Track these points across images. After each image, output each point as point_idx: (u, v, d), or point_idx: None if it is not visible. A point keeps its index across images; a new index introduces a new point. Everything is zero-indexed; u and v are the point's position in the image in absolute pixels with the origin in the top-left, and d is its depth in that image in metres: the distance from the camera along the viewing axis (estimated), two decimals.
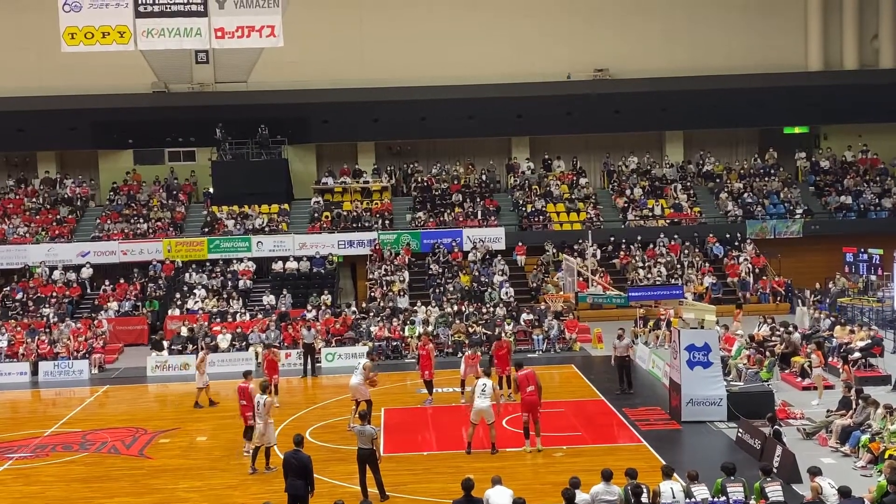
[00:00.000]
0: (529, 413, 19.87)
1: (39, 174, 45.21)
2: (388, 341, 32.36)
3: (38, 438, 22.72)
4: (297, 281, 38.53)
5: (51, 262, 39.10)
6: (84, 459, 20.74)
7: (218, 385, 28.93)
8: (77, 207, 43.10)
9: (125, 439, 22.31)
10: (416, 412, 23.75)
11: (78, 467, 20.07)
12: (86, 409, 26.06)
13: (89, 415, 25.28)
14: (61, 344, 32.20)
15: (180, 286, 37.73)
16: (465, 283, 37.66)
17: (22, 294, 37.08)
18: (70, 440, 22.39)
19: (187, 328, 33.31)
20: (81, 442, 22.13)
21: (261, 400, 18.88)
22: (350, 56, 43.95)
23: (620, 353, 25.13)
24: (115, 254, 39.53)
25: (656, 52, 44.68)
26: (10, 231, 40.64)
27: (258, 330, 32.68)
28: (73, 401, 27.42)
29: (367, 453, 16.65)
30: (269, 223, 41.52)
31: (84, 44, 35.80)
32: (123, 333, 35.16)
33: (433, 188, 44.36)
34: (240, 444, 20.54)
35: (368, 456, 16.66)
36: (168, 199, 43.51)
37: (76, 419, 24.84)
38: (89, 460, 20.73)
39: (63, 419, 24.77)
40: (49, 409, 27.28)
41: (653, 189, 44.27)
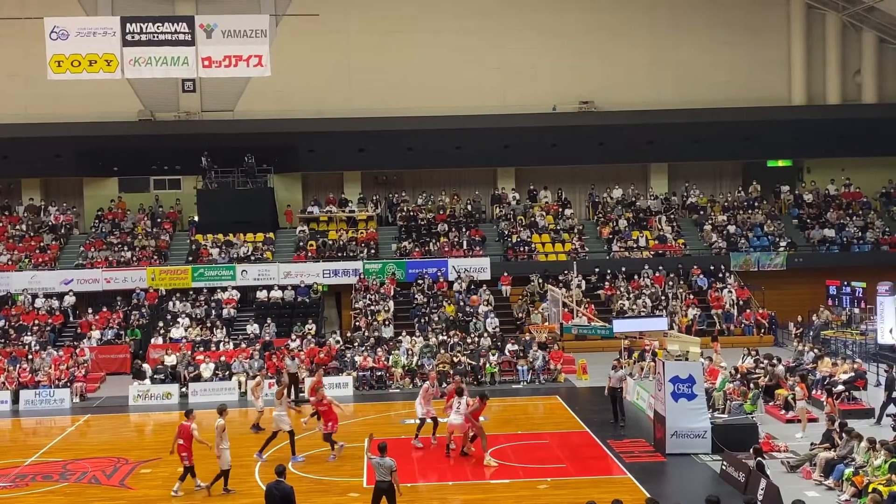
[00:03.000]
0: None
1: (24, 201, 45.03)
2: (373, 371, 32.24)
3: (17, 468, 22.46)
4: (282, 310, 38.41)
5: (33, 289, 38.85)
6: (64, 489, 20.52)
7: (201, 415, 28.73)
8: (61, 235, 42.91)
9: (106, 469, 22.09)
10: (401, 443, 23.60)
11: (58, 497, 19.86)
12: (67, 439, 25.81)
13: (70, 444, 25.04)
14: (43, 372, 31.93)
15: (164, 314, 37.55)
16: (450, 313, 37.63)
17: (4, 321, 36.80)
18: (50, 470, 22.15)
19: (172, 357, 33.10)
20: (62, 472, 21.90)
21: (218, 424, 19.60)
22: (337, 86, 44.14)
23: (614, 385, 25.11)
24: (99, 282, 39.32)
25: (642, 85, 45.07)
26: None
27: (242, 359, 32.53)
28: (53, 430, 27.16)
29: (386, 486, 16.31)
30: (254, 252, 41.45)
31: (70, 71, 35.88)
32: (106, 362, 34.89)
33: (419, 218, 44.42)
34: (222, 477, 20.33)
35: (387, 489, 16.32)
36: (153, 227, 43.39)
37: (57, 448, 24.59)
38: (70, 490, 20.51)
39: (44, 448, 24.52)
40: (29, 438, 26.99)
41: (637, 220, 44.45)
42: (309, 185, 46.53)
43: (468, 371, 32.12)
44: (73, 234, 43.64)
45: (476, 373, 31.87)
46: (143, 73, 36.49)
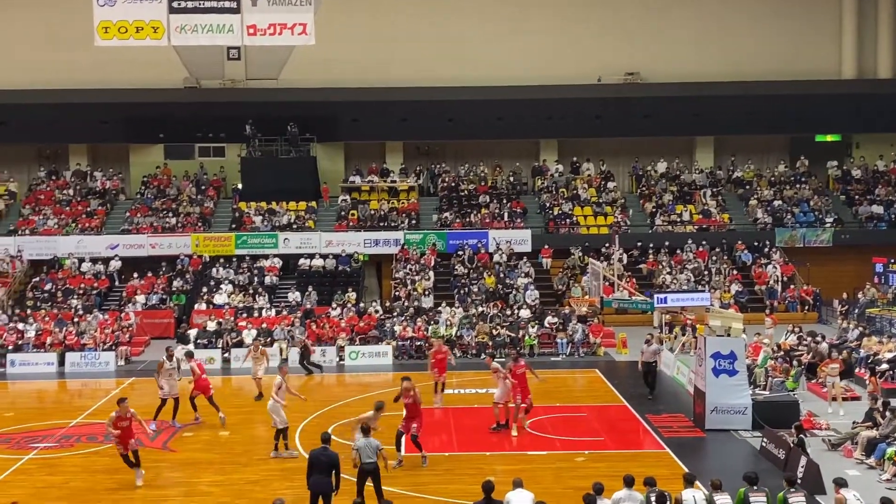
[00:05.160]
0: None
1: (71, 166, 45.62)
2: (412, 341, 32.39)
3: (63, 429, 22.92)
4: (323, 278, 38.64)
5: (80, 253, 39.43)
6: (108, 451, 20.83)
7: (242, 380, 29.16)
8: (107, 200, 43.44)
9: (149, 431, 22.40)
10: (439, 413, 23.72)
11: (102, 458, 20.23)
12: (111, 401, 26.18)
13: (115, 406, 25.41)
14: (88, 335, 32.50)
15: (207, 281, 37.95)
16: (490, 284, 37.63)
17: (51, 285, 37.43)
18: (95, 431, 22.57)
19: (214, 323, 33.51)
20: (106, 433, 22.25)
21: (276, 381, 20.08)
22: (380, 56, 44.00)
23: (647, 359, 24.98)
24: (144, 247, 39.80)
25: (688, 57, 44.42)
26: (40, 222, 41.03)
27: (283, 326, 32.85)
28: (98, 392, 27.65)
29: (371, 467, 16.08)
30: (297, 220, 41.67)
31: (117, 38, 36.09)
32: (150, 326, 35.38)
33: (460, 189, 44.35)
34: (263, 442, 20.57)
35: (373, 471, 16.11)
36: (197, 194, 43.77)
37: (102, 410, 24.99)
38: (113, 452, 20.79)
39: (88, 410, 24.97)
40: (75, 400, 27.48)
41: (682, 194, 44.02)
42: (351, 155, 46.61)
43: (507, 343, 32.15)
44: (119, 200, 44.15)
45: (515, 345, 31.88)
46: (189, 40, 36.59)
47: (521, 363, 22.28)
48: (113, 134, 44.43)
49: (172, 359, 23.31)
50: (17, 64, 42.74)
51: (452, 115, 43.85)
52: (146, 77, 42.62)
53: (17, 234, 40.29)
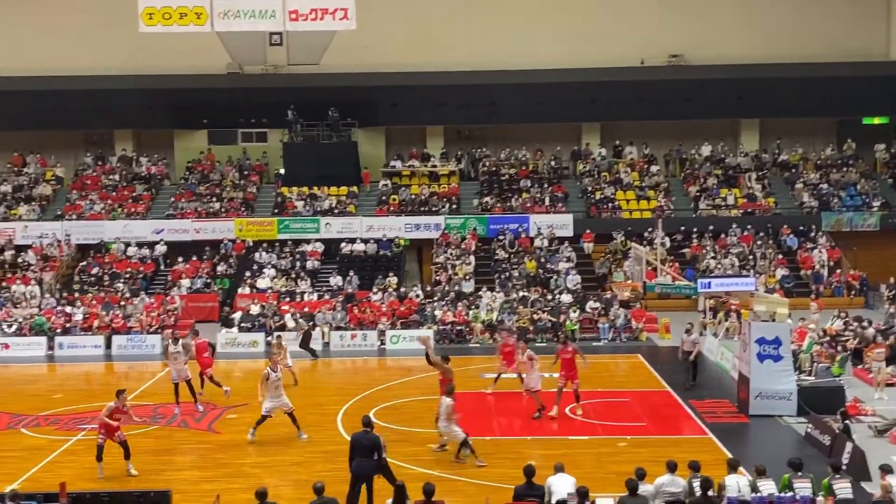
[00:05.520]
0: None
1: (117, 152, 46.18)
2: (453, 325, 32.44)
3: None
4: (364, 263, 38.80)
5: (126, 238, 39.95)
6: (155, 432, 21.20)
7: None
8: (152, 185, 43.94)
9: (194, 414, 22.73)
10: (480, 397, 23.76)
11: (148, 440, 20.51)
12: (157, 383, 26.59)
13: (160, 389, 25.78)
14: (135, 319, 32.97)
15: (250, 265, 38.28)
16: (531, 269, 37.55)
17: (98, 269, 37.98)
18: (141, 413, 22.80)
19: (257, 306, 33.82)
20: (152, 415, 22.60)
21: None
22: (421, 40, 43.93)
23: (688, 348, 24.78)
24: (188, 232, 40.23)
25: (733, 39, 43.80)
26: (87, 207, 41.61)
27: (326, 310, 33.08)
28: (145, 374, 28.02)
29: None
30: (338, 205, 41.85)
31: (162, 24, 36.39)
32: (195, 310, 35.78)
33: (501, 173, 44.25)
34: (306, 424, 20.74)
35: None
36: (240, 179, 44.11)
37: (148, 392, 25.40)
38: (160, 433, 21.20)
39: (135, 392, 25.32)
40: (121, 382, 27.68)
41: (726, 178, 43.55)
42: (392, 140, 46.67)
43: (548, 327, 32.09)
44: (163, 185, 44.64)
45: (556, 329, 31.80)
46: (232, 26, 36.81)
47: (570, 347, 22.28)
48: (157, 120, 44.91)
49: (178, 342, 23.28)
50: (64, 50, 43.24)
51: (493, 99, 43.72)
52: (190, 63, 42.92)
53: (65, 219, 40.90)
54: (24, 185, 43.42)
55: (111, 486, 16.18)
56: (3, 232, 40.08)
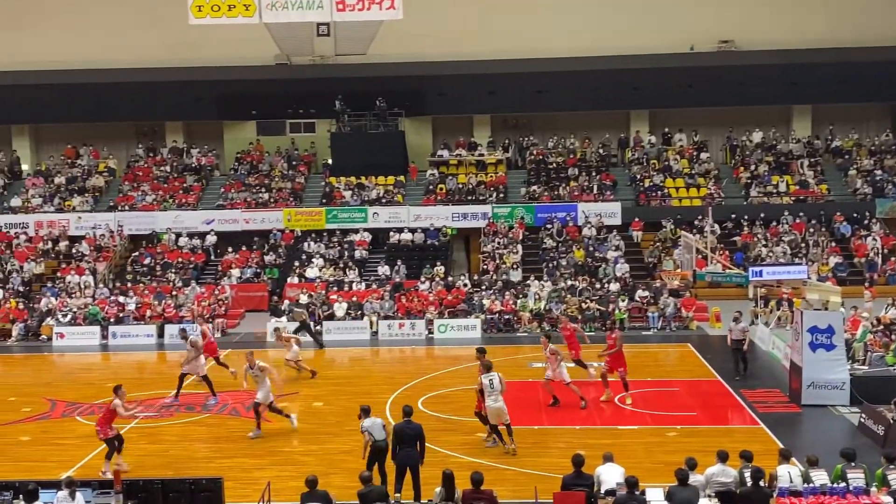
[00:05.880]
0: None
1: (167, 143, 46.76)
2: (501, 314, 32.41)
3: (162, 399, 23.61)
4: (412, 252, 38.90)
5: (177, 228, 40.48)
6: (206, 420, 21.48)
7: (334, 352, 29.64)
8: (202, 176, 44.42)
9: (245, 402, 22.94)
10: (528, 386, 23.71)
11: (200, 428, 20.79)
12: (208, 372, 26.86)
13: (212, 377, 26.05)
14: (186, 308, 33.41)
15: (299, 255, 38.56)
16: (579, 257, 37.36)
17: (150, 259, 38.53)
18: (193, 401, 23.20)
19: (306, 296, 34.07)
20: (204, 403, 22.89)
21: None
22: (468, 28, 43.80)
23: (736, 337, 24.48)
24: (238, 222, 40.62)
25: (785, 23, 43.04)
26: (139, 198, 42.20)
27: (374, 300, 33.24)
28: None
29: (384, 445, 15.91)
30: (385, 194, 41.97)
31: (210, 16, 36.65)
32: (245, 299, 36.15)
33: (549, 161, 44.05)
34: (355, 413, 20.83)
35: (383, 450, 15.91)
36: (288, 170, 44.42)
37: (199, 381, 25.67)
38: (211, 421, 21.46)
39: (187, 381, 25.61)
40: (174, 371, 28.02)
41: (778, 165, 42.92)
42: (439, 129, 46.67)
43: (597, 316, 31.93)
44: (213, 176, 45.12)
45: (605, 318, 31.63)
46: (280, 17, 36.97)
47: (613, 334, 22.21)
48: (207, 111, 45.38)
49: (187, 339, 23.93)
50: (116, 44, 43.76)
51: (541, 87, 43.47)
52: (238, 54, 43.26)
53: (117, 209, 41.52)
54: (78, 177, 44.14)
55: (164, 474, 16.41)
56: (58, 223, 40.82)
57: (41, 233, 40.43)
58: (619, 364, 21.93)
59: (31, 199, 42.55)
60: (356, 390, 23.79)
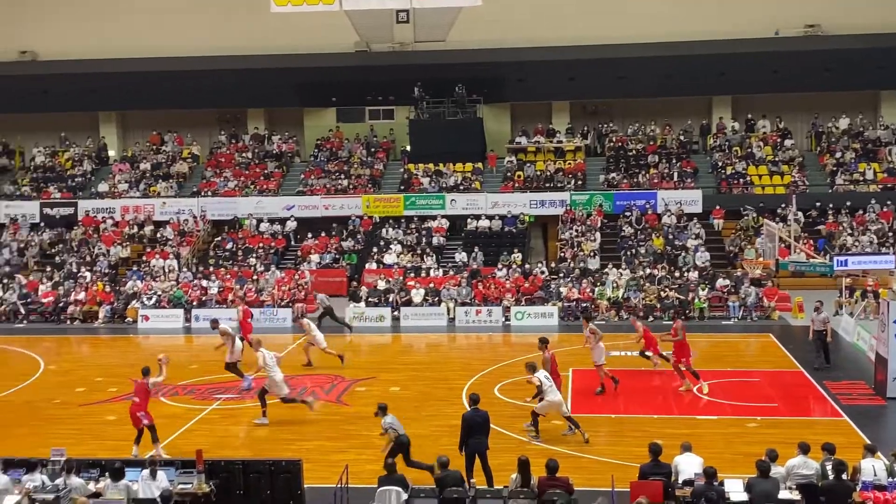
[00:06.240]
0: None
1: (249, 130, 47.49)
2: (578, 302, 32.24)
3: (242, 381, 24.00)
4: (489, 239, 38.89)
5: (258, 214, 41.12)
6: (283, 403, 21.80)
7: (411, 338, 29.86)
8: (283, 163, 45.04)
9: (324, 385, 23.32)
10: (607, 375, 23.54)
11: (279, 410, 21.07)
12: (288, 356, 27.29)
13: (291, 361, 26.50)
14: (266, 292, 33.98)
15: (377, 241, 38.88)
16: (658, 246, 36.92)
17: (231, 244, 39.25)
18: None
19: (384, 282, 34.37)
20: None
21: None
22: (547, 14, 43.43)
23: (818, 328, 23.93)
24: (318, 208, 41.09)
25: (872, 6, 41.66)
26: (221, 184, 42.98)
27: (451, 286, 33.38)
28: (277, 346, 28.71)
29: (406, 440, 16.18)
30: (463, 181, 42.02)
31: (291, 4, 37.21)
32: (324, 284, 36.52)
33: (628, 148, 43.57)
34: (433, 398, 20.98)
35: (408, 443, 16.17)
36: (367, 157, 44.77)
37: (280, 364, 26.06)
38: (292, 405, 21.77)
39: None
40: (254, 354, 28.64)
41: (865, 152, 41.74)
42: (517, 116, 46.48)
43: (675, 305, 31.55)
44: (294, 163, 45.70)
45: (684, 307, 31.23)
46: (360, 4, 37.33)
47: (677, 323, 22.05)
48: (288, 98, 45.93)
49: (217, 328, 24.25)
50: (198, 32, 44.39)
51: (621, 73, 42.90)
52: (319, 42, 43.66)
53: (200, 195, 42.37)
54: (163, 163, 45.15)
55: (244, 455, 16.74)
56: (143, 208, 41.84)
57: (127, 217, 41.50)
58: (683, 354, 21.70)
59: (118, 184, 43.67)
60: (434, 376, 23.96)
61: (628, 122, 45.52)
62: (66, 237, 40.71)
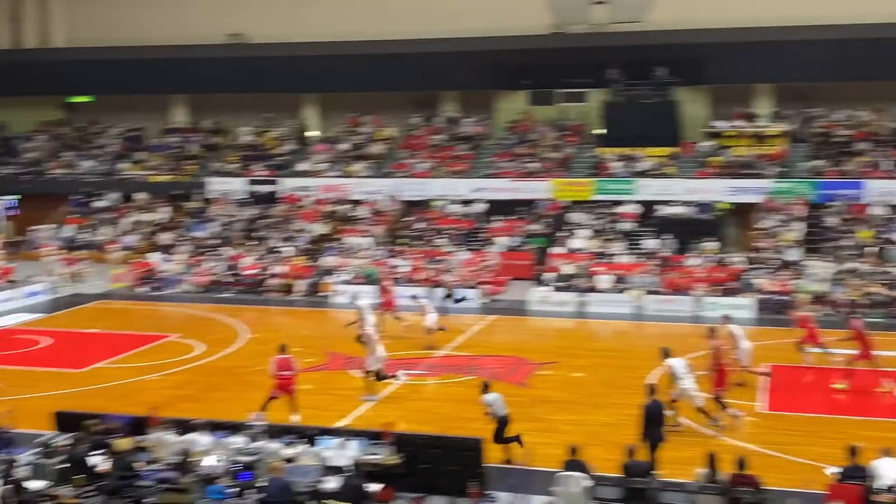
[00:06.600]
0: None
1: (442, 113, 48.08)
2: (776, 295, 30.87)
3: (430, 359, 24.45)
4: (682, 226, 37.76)
5: (448, 195, 41.64)
6: (470, 382, 21.96)
7: (597, 324, 29.51)
8: (474, 145, 45.36)
9: (508, 367, 23.36)
10: (806, 371, 22.46)
11: (464, 389, 21.33)
12: (474, 336, 27.58)
13: (476, 341, 26.77)
14: (454, 273, 34.36)
15: (565, 225, 38.56)
16: (866, 238, 34.80)
17: (422, 224, 39.94)
18: (458, 363, 23.88)
19: (570, 266, 34.07)
20: (469, 366, 23.49)
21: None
22: None
23: None
24: (506, 191, 41.13)
25: None
26: (414, 166, 43.76)
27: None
28: (462, 326, 29.10)
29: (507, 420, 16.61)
30: (656, 167, 41.00)
31: None
32: (510, 267, 36.61)
33: (835, 135, 41.23)
34: (619, 386, 20.63)
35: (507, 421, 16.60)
36: (558, 140, 44.43)
37: (465, 344, 26.41)
38: (475, 384, 21.89)
39: (454, 343, 26.43)
40: (440, 332, 29.07)
41: None
42: (715, 99, 44.81)
43: (883, 301, 29.69)
44: (483, 145, 45.95)
45: (892, 304, 29.34)
46: None
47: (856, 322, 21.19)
48: (481, 81, 46.08)
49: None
50: (395, 16, 45.28)
51: (830, 55, 40.55)
52: (512, 24, 43.57)
53: (394, 176, 43.31)
54: (359, 144, 46.42)
55: (429, 430, 16.97)
56: (340, 187, 43.20)
57: (325, 196, 42.98)
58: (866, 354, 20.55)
59: (317, 164, 45.26)
60: (618, 364, 23.56)
61: (836, 107, 43.02)
62: (268, 213, 42.61)
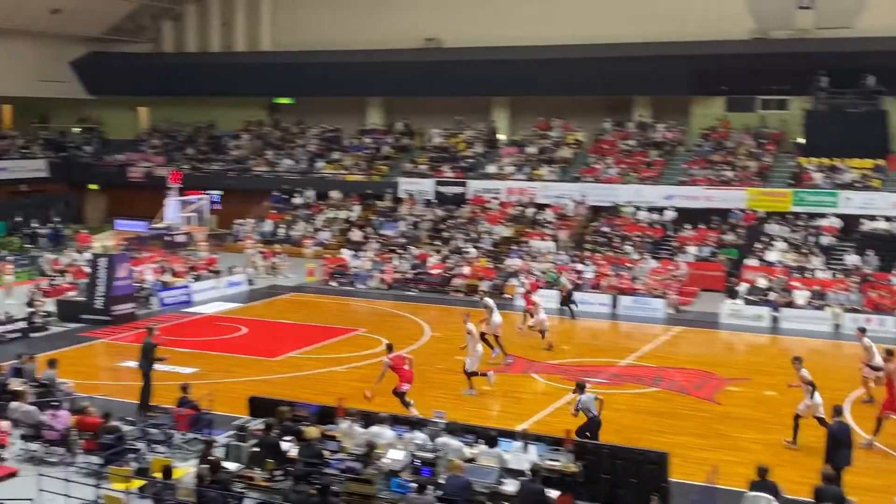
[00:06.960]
0: None
1: (634, 118, 47.36)
2: None
3: (613, 367, 24.13)
4: (887, 242, 35.64)
5: (637, 202, 40.95)
6: (654, 394, 21.59)
7: (790, 341, 28.35)
8: (666, 151, 44.44)
9: (695, 381, 22.75)
10: None
11: (647, 401, 20.95)
12: (659, 347, 27.02)
13: (662, 352, 26.20)
14: (640, 281, 33.76)
15: (760, 237, 37.15)
16: None
17: (608, 230, 39.46)
18: (642, 373, 23.46)
19: (764, 280, 32.81)
20: (654, 377, 23.03)
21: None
22: None
23: None
24: (699, 199, 40.02)
25: None
26: (603, 170, 43.31)
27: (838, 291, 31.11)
28: (647, 336, 28.58)
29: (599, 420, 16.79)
30: (861, 179, 38.88)
31: None
32: (700, 278, 35.61)
33: None
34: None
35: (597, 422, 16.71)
36: (756, 148, 42.88)
37: (649, 355, 25.91)
38: (659, 395, 21.53)
39: (637, 353, 25.98)
40: (623, 341, 28.69)
41: None
42: None
43: None
44: (677, 151, 44.92)
45: None
46: None
47: None
48: (675, 86, 45.04)
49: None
50: (589, 19, 44.89)
51: None
52: (711, 29, 42.44)
53: (581, 180, 42.99)
54: (548, 148, 46.36)
55: (611, 440, 16.75)
56: (527, 190, 43.27)
57: (511, 199, 43.16)
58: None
59: (505, 166, 45.52)
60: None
61: None
62: (455, 214, 43.21)
